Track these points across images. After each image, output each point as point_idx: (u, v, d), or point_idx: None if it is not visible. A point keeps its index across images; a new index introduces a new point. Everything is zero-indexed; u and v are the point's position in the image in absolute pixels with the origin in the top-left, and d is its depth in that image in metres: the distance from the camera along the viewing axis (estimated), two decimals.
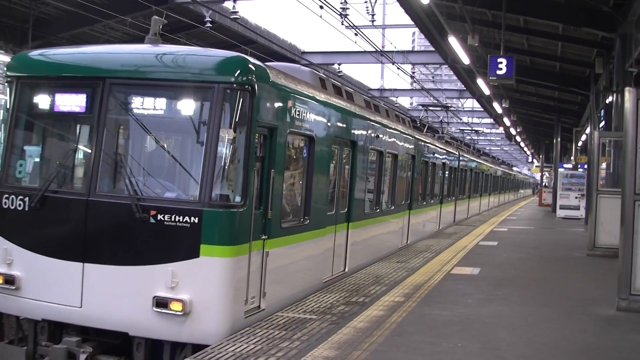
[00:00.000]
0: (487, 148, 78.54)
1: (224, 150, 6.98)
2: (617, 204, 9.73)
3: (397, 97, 42.03)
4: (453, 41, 17.86)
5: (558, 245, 18.59)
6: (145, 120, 7.40)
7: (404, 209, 15.58)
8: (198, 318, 6.79)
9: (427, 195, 18.83)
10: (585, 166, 29.75)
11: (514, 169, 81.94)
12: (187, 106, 7.17)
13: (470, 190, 28.62)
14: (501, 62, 16.36)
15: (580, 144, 37.08)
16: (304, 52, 30.15)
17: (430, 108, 29.51)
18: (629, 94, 8.98)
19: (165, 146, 7.83)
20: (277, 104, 7.94)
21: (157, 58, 7.54)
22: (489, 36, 21.17)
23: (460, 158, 25.14)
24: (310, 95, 9.08)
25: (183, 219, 6.82)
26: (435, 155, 19.81)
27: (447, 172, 22.28)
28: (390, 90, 41.58)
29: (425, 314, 8.47)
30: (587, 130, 29.57)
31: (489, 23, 20.33)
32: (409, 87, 43.68)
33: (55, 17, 21.82)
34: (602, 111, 22.98)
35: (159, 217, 6.87)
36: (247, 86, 7.11)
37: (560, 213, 30.96)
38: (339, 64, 31.08)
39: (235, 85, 7.06)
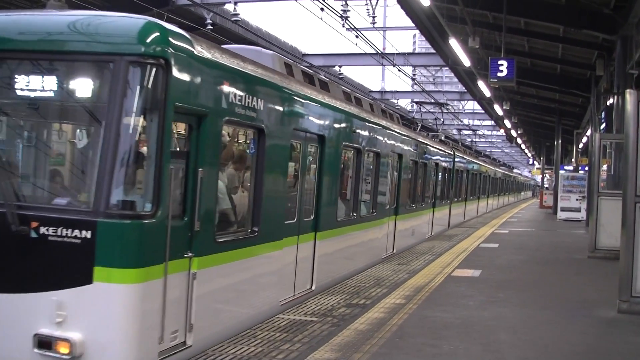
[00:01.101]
0: (488, 150, 78.69)
1: (129, 142, 5.43)
2: (618, 206, 9.71)
3: (397, 99, 42.12)
4: (454, 43, 17.87)
5: (559, 247, 18.57)
6: (29, 105, 6.02)
7: (389, 214, 14.13)
8: None
9: (417, 199, 17.41)
10: (586, 168, 29.73)
11: (515, 170, 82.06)
12: (82, 86, 5.69)
13: (466, 192, 27.86)
14: (502, 64, 16.39)
15: (581, 146, 37.09)
16: (304, 54, 30.16)
17: (425, 106, 28.93)
18: (629, 96, 8.99)
19: (55, 138, 6.42)
20: (207, 85, 6.36)
21: (46, 25, 5.88)
22: (490, 38, 21.19)
23: (456, 159, 24.27)
24: (259, 77, 7.44)
25: (72, 232, 5.33)
26: (427, 155, 18.45)
27: (440, 174, 21.00)
28: (391, 92, 41.66)
29: (426, 316, 8.47)
30: (588, 132, 29.59)
31: (489, 25, 20.38)
32: (410, 89, 43.79)
33: None
34: (603, 113, 22.97)
35: (42, 230, 5.40)
36: (160, 59, 5.57)
37: (561, 215, 30.96)
38: (340, 66, 31.13)
39: (144, 57, 5.51)
